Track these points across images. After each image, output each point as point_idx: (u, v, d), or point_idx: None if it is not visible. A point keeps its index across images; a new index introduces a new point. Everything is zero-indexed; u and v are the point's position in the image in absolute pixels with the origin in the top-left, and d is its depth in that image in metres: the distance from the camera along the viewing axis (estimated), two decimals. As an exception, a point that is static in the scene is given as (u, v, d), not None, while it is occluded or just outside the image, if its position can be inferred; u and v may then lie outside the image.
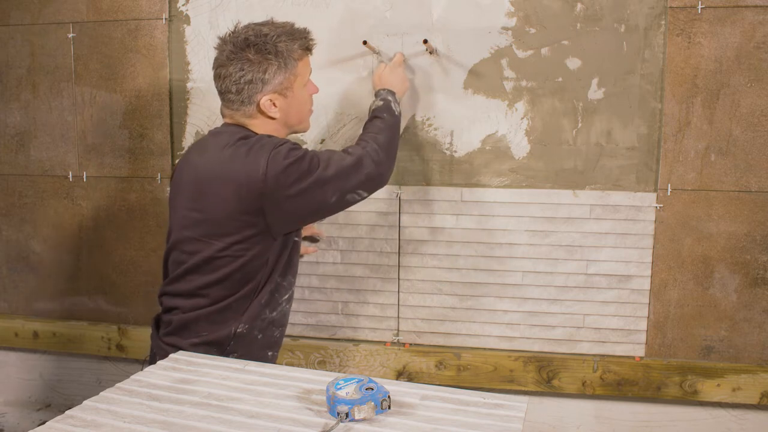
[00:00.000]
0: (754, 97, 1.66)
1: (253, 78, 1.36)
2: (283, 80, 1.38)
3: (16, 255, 2.16)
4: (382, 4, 1.80)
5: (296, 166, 1.31)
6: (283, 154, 1.31)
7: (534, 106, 1.76)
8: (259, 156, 1.30)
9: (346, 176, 1.36)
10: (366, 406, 0.89)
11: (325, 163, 1.35)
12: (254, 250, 1.34)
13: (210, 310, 1.35)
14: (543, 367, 1.82)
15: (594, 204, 1.75)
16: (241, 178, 1.30)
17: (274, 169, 1.29)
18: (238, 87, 1.36)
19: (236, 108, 1.40)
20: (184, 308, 1.38)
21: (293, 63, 1.39)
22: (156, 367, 1.09)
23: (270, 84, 1.37)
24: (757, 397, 1.74)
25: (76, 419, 0.88)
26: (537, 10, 1.72)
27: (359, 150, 1.41)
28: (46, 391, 2.27)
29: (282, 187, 1.30)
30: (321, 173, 1.33)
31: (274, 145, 1.32)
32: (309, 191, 1.32)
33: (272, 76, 1.37)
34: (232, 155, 1.32)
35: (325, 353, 1.93)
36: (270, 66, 1.36)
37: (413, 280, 1.87)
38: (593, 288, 1.78)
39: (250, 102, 1.38)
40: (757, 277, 1.72)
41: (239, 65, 1.35)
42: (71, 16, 2.00)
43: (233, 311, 1.36)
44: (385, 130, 1.49)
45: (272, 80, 1.37)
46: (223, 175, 1.31)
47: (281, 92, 1.39)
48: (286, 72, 1.38)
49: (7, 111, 2.10)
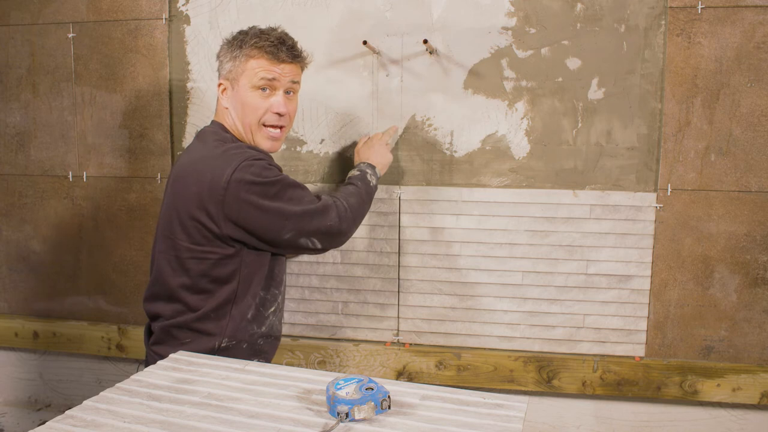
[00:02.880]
0: (754, 97, 1.66)
1: (220, 60, 1.43)
2: (232, 68, 1.39)
3: (16, 255, 2.16)
4: (382, 4, 1.80)
5: (262, 187, 1.29)
6: (254, 171, 1.28)
7: (534, 106, 1.76)
8: (229, 161, 1.29)
9: (308, 218, 1.34)
10: (366, 406, 0.89)
11: (293, 197, 1.33)
12: (218, 253, 1.32)
13: (189, 318, 1.34)
14: (543, 367, 1.82)
15: (594, 204, 1.75)
16: (205, 179, 1.28)
17: (238, 179, 1.27)
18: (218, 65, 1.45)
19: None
20: (165, 315, 1.37)
21: (244, 56, 1.37)
22: (156, 367, 1.09)
23: (224, 69, 1.41)
24: (757, 397, 1.74)
25: (76, 419, 0.88)
26: (537, 10, 1.72)
27: (329, 200, 1.40)
28: (46, 391, 2.27)
29: (241, 199, 1.28)
30: (285, 205, 1.31)
31: (248, 156, 1.30)
32: (266, 214, 1.30)
33: (225, 60, 1.40)
34: (205, 156, 1.32)
35: (325, 353, 1.93)
36: (228, 52, 1.40)
37: (413, 280, 1.87)
38: (593, 288, 1.78)
39: (217, 83, 1.44)
40: (757, 277, 1.72)
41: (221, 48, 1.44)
42: (71, 16, 2.00)
43: (213, 322, 1.35)
44: (356, 196, 1.49)
45: (225, 64, 1.40)
46: (192, 174, 1.31)
47: (230, 81, 1.40)
48: (236, 61, 1.38)
49: (7, 111, 2.10)
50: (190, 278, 1.33)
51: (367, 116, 1.84)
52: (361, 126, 1.84)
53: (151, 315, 1.42)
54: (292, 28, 1.84)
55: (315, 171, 1.89)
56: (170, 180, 1.41)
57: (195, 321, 1.34)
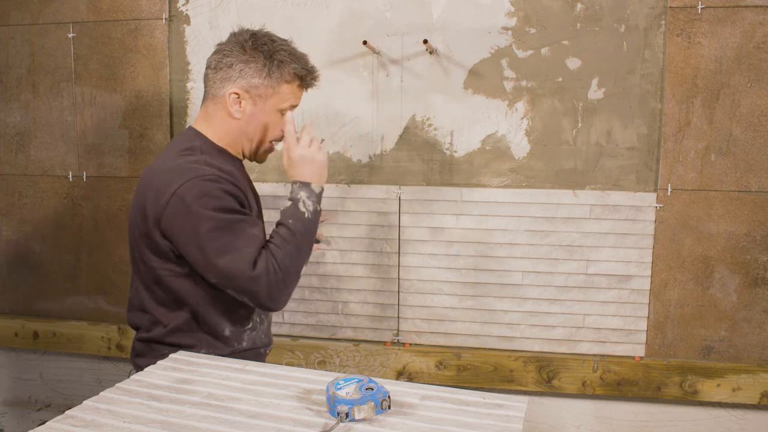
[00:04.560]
0: (754, 97, 1.65)
1: (234, 63, 1.26)
2: (260, 86, 1.27)
3: (16, 255, 2.16)
4: (382, 4, 1.80)
5: (198, 219, 1.15)
6: (195, 194, 1.15)
7: (534, 106, 1.76)
8: (175, 177, 1.17)
9: (229, 277, 1.17)
10: (366, 406, 0.89)
11: (224, 247, 1.16)
12: (171, 270, 1.23)
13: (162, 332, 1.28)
14: (543, 367, 1.82)
15: (594, 204, 1.75)
16: (150, 193, 1.21)
17: (178, 197, 1.16)
18: (218, 65, 1.28)
19: (208, 90, 1.31)
20: (143, 326, 1.32)
21: (279, 78, 1.28)
22: (156, 367, 1.09)
23: (245, 79, 1.26)
24: (757, 397, 1.74)
25: (76, 419, 0.88)
26: (537, 10, 1.72)
27: (262, 266, 1.17)
28: (46, 391, 2.27)
29: (174, 215, 1.17)
30: (211, 253, 1.16)
31: (198, 174, 1.17)
32: (189, 245, 1.17)
33: (251, 73, 1.26)
34: (162, 167, 1.23)
35: (325, 353, 1.93)
36: (255, 62, 1.26)
37: (413, 280, 1.87)
38: (593, 288, 1.78)
39: (221, 87, 1.28)
40: (757, 277, 1.72)
41: (231, 46, 1.28)
42: (71, 16, 1.99)
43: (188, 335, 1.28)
44: (288, 244, 1.22)
45: (249, 77, 1.26)
46: (145, 187, 1.24)
47: (252, 96, 1.28)
48: (268, 80, 1.27)
49: (7, 111, 2.10)
50: (152, 292, 1.28)
51: (367, 116, 1.84)
52: (361, 126, 1.84)
53: (132, 325, 1.37)
54: (292, 28, 1.85)
55: (315, 171, 1.89)
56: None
57: (168, 335, 1.28)
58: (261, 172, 1.91)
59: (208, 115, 1.32)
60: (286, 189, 1.90)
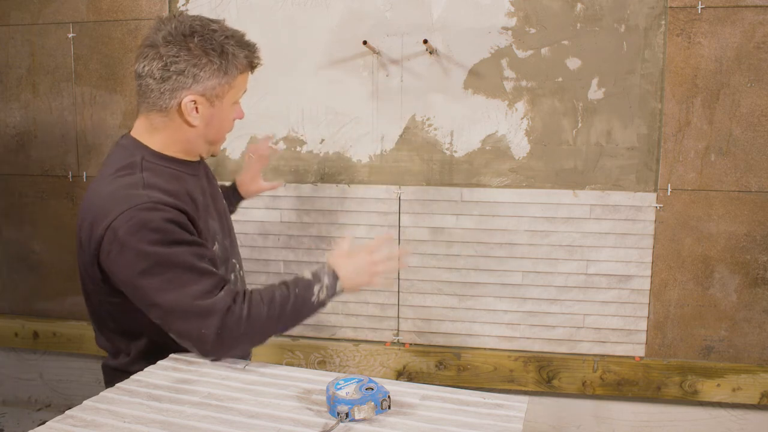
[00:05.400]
0: (754, 97, 1.65)
1: (186, 70, 1.12)
2: (217, 86, 1.15)
3: (16, 255, 2.16)
4: (382, 4, 1.80)
5: (135, 254, 1.04)
6: (134, 227, 1.03)
7: (534, 106, 1.76)
8: (111, 209, 1.05)
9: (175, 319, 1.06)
10: (366, 406, 0.89)
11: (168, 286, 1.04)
12: (114, 298, 1.12)
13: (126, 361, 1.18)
14: (543, 367, 1.82)
15: (594, 204, 1.75)
16: (86, 223, 1.09)
17: (111, 233, 1.04)
18: (164, 74, 1.12)
19: (152, 101, 1.15)
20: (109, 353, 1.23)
21: (234, 72, 1.17)
22: (156, 367, 1.09)
23: (200, 83, 1.13)
24: (757, 397, 1.74)
25: (76, 419, 0.88)
26: (537, 10, 1.72)
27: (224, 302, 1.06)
28: (46, 391, 2.27)
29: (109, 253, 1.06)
30: (155, 294, 1.04)
31: (135, 204, 1.05)
32: (127, 283, 1.06)
33: (207, 76, 1.14)
34: (98, 192, 1.11)
35: (325, 353, 1.93)
36: (209, 64, 1.13)
37: (413, 280, 1.87)
38: (593, 288, 1.78)
39: (172, 97, 1.14)
40: (757, 277, 1.72)
41: (175, 50, 1.12)
42: (71, 16, 1.99)
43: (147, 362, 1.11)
44: (277, 307, 1.12)
45: (205, 81, 1.14)
46: (83, 212, 1.12)
47: (209, 99, 1.16)
48: (224, 78, 1.15)
49: (7, 111, 2.10)
50: (105, 321, 1.19)
51: (367, 116, 1.84)
52: (361, 126, 1.84)
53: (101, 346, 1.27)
54: (292, 28, 1.85)
55: (315, 171, 1.89)
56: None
57: (132, 364, 1.16)
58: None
59: (153, 126, 1.18)
60: (286, 189, 1.90)
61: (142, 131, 1.19)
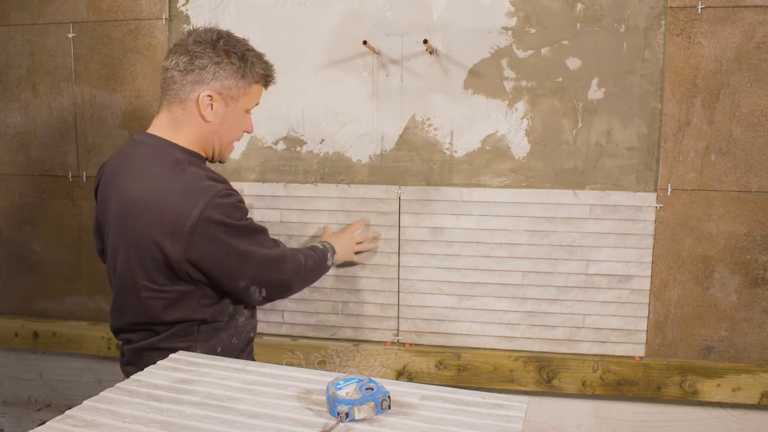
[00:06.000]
0: (754, 97, 1.66)
1: (208, 66, 1.26)
2: (233, 87, 1.29)
3: (16, 255, 2.16)
4: (382, 4, 1.80)
5: (230, 229, 1.22)
6: (224, 211, 1.21)
7: (534, 106, 1.76)
8: (196, 200, 1.19)
9: (264, 266, 1.30)
10: (366, 406, 0.89)
11: (257, 241, 1.27)
12: (178, 291, 1.26)
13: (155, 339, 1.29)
14: (543, 367, 1.82)
15: (594, 204, 1.75)
16: (169, 218, 1.19)
17: (206, 219, 1.19)
18: (188, 66, 1.25)
19: (174, 93, 1.28)
20: (133, 339, 1.32)
21: (250, 78, 1.31)
22: (156, 367, 1.09)
23: (219, 81, 1.27)
24: (757, 397, 1.74)
25: (76, 419, 0.88)
26: (537, 10, 1.72)
27: (287, 251, 1.36)
28: (46, 391, 2.27)
29: (206, 239, 1.20)
30: (249, 249, 1.26)
31: (215, 194, 1.21)
32: (228, 256, 1.23)
33: (226, 75, 1.28)
34: (165, 190, 1.21)
35: (325, 353, 1.93)
36: (229, 65, 1.28)
37: (413, 280, 1.87)
38: (593, 288, 1.78)
39: (192, 90, 1.26)
40: (757, 277, 1.72)
41: (201, 47, 1.26)
42: (71, 16, 2.00)
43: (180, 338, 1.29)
44: (314, 260, 1.50)
45: (223, 79, 1.27)
46: (152, 211, 1.21)
47: (225, 97, 1.29)
48: (240, 81, 1.29)
49: (7, 111, 2.10)
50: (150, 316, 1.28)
51: (367, 116, 1.84)
52: (361, 126, 1.84)
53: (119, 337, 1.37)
54: (292, 28, 1.85)
55: (315, 171, 1.89)
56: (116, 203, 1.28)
57: (161, 341, 1.29)
58: (260, 172, 1.91)
59: (175, 120, 1.30)
60: (286, 189, 1.90)
61: (167, 127, 1.30)
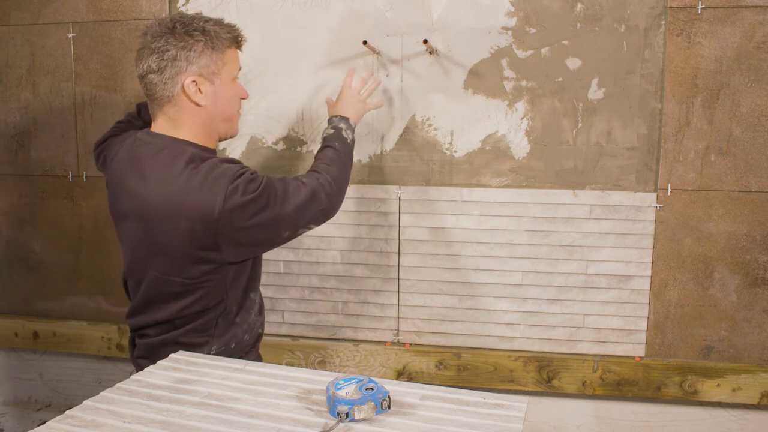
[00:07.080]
0: (754, 97, 1.66)
1: (177, 54, 1.24)
2: (210, 63, 1.27)
3: (16, 255, 2.16)
4: (382, 4, 1.80)
5: (254, 203, 1.23)
6: (242, 189, 1.22)
7: (534, 106, 1.76)
8: (215, 190, 1.21)
9: (301, 212, 1.29)
10: (366, 406, 0.89)
11: (282, 198, 1.27)
12: (214, 280, 1.28)
13: (175, 334, 1.31)
14: (543, 367, 1.82)
15: (594, 204, 1.75)
16: (195, 214, 1.21)
17: (230, 206, 1.20)
18: (160, 64, 1.25)
19: (160, 95, 1.28)
20: (150, 334, 1.35)
21: (221, 47, 1.29)
22: (156, 367, 1.09)
23: (195, 64, 1.26)
24: (757, 397, 1.74)
25: (76, 419, 0.88)
26: (537, 10, 1.72)
27: (314, 182, 1.34)
28: (46, 391, 2.27)
29: (237, 223, 1.23)
30: (278, 210, 1.26)
31: (231, 177, 1.23)
32: (263, 226, 1.26)
33: (197, 55, 1.26)
34: (184, 188, 1.22)
35: (325, 353, 1.93)
36: (196, 44, 1.26)
37: (413, 280, 1.87)
38: (593, 288, 1.78)
39: (174, 83, 1.26)
40: (757, 277, 1.72)
41: (162, 41, 1.25)
42: (71, 16, 2.00)
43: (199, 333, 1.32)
44: (337, 162, 1.42)
45: (197, 60, 1.26)
46: (176, 211, 1.22)
47: (207, 77, 1.28)
48: (213, 54, 1.28)
49: (7, 111, 2.10)
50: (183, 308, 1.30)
51: (367, 116, 1.84)
52: (361, 126, 1.84)
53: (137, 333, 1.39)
54: (292, 28, 1.85)
55: (315, 171, 1.89)
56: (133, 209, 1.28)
57: (181, 336, 1.31)
58: (261, 172, 1.91)
59: (173, 119, 1.30)
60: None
61: (168, 128, 1.30)
